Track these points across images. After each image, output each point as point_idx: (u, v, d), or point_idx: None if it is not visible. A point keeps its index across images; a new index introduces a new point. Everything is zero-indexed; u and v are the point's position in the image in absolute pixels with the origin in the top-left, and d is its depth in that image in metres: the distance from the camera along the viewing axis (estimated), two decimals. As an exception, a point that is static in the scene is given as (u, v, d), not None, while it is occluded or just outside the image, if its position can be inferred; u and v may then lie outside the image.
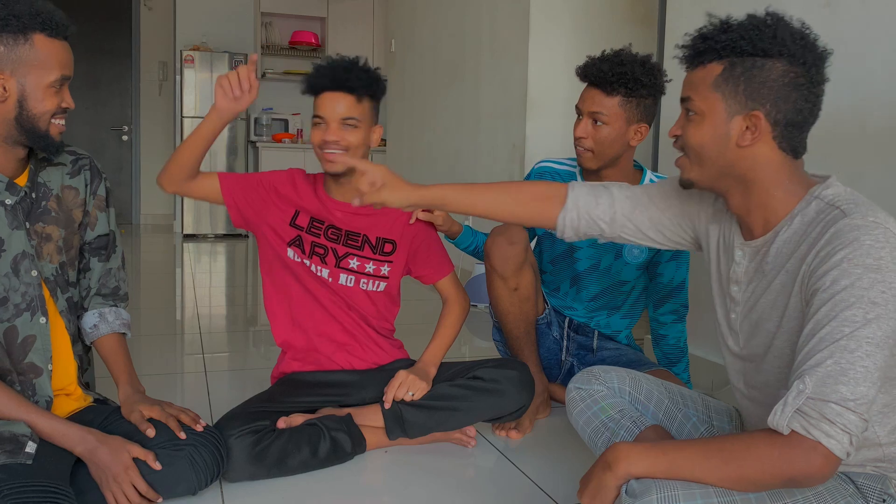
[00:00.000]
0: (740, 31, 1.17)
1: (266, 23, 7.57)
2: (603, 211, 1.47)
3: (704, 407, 1.55)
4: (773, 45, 1.15)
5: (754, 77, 1.17)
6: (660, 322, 2.24)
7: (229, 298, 4.46)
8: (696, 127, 1.23)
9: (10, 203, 1.54)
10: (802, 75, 1.17)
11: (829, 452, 1.02)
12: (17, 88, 1.47)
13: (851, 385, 1.02)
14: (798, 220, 1.18)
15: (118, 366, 1.73)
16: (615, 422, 1.50)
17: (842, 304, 1.05)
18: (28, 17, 1.45)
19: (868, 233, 1.07)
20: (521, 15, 3.83)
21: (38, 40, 1.47)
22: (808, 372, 1.05)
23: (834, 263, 1.08)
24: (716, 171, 1.23)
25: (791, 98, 1.17)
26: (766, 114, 1.17)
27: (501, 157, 4.09)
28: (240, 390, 2.45)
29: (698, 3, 2.62)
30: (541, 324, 2.25)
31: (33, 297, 1.56)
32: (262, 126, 7.36)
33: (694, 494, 1.10)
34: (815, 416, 1.02)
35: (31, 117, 1.50)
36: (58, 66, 1.50)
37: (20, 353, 1.54)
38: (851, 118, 2.07)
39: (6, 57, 1.45)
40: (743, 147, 1.19)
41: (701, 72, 1.22)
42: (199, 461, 1.57)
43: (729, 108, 1.19)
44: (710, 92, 1.20)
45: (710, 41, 1.20)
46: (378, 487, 1.79)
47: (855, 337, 1.03)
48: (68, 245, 1.65)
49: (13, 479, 1.35)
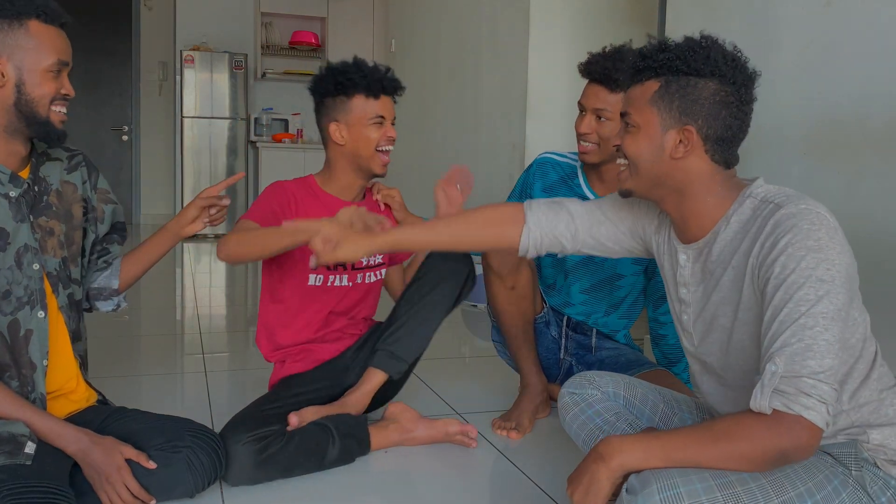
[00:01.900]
0: (677, 51, 1.25)
1: (266, 23, 7.57)
2: (565, 228, 1.50)
3: (699, 410, 1.55)
4: (706, 65, 1.24)
5: (688, 94, 1.25)
6: (659, 322, 2.24)
7: (229, 298, 4.46)
8: (633, 139, 1.30)
9: (13, 195, 1.54)
10: (732, 94, 1.25)
11: (811, 424, 1.08)
12: (13, 73, 1.48)
13: (818, 358, 1.09)
14: (735, 219, 1.26)
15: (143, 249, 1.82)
16: (610, 425, 1.49)
17: (793, 286, 1.12)
18: (23, 3, 1.47)
19: (804, 218, 1.15)
20: (521, 15, 3.83)
21: (34, 26, 1.49)
22: (776, 353, 1.11)
23: (780, 251, 1.15)
24: (651, 181, 1.31)
25: (721, 115, 1.25)
26: (697, 128, 1.25)
27: (501, 157, 4.09)
28: (240, 390, 2.45)
29: (698, 3, 2.62)
30: (539, 323, 2.25)
31: (34, 290, 1.56)
32: (262, 126, 7.35)
33: (691, 480, 1.12)
34: (793, 391, 1.08)
35: (29, 101, 1.50)
36: (53, 50, 1.51)
37: (21, 346, 1.54)
38: (851, 118, 2.07)
39: (2, 41, 1.47)
40: (676, 159, 1.27)
41: (639, 88, 1.30)
42: (196, 464, 1.57)
43: (663, 123, 1.27)
44: (647, 107, 1.28)
45: (649, 60, 1.28)
46: (378, 488, 1.79)
47: (812, 314, 1.10)
48: (70, 241, 1.65)
49: (13, 479, 1.35)
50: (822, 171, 2.16)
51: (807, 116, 2.19)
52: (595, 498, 1.18)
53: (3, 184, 1.52)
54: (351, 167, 2.01)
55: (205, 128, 7.12)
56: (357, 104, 1.96)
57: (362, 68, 1.96)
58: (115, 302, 1.82)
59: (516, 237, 1.52)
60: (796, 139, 2.24)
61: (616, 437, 1.20)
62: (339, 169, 2.02)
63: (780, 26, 2.28)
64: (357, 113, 1.96)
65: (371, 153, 1.98)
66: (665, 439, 1.17)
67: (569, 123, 3.85)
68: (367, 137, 1.96)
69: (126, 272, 1.81)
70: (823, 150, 2.16)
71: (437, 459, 1.96)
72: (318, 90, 2.00)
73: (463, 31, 4.63)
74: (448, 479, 1.87)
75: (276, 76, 7.57)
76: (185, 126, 7.07)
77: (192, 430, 1.62)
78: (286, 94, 7.69)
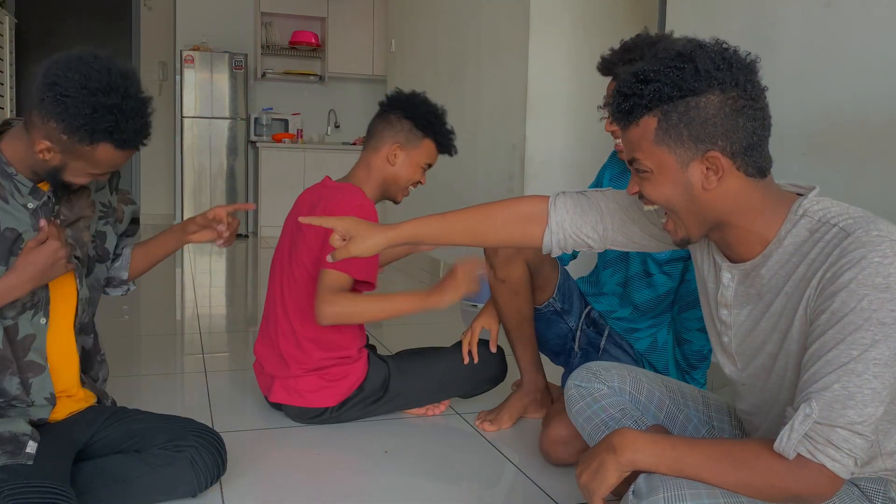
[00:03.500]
0: (661, 77, 1.10)
1: (266, 23, 7.57)
2: (591, 229, 1.42)
3: (705, 406, 1.54)
4: (699, 79, 1.09)
5: (694, 119, 1.10)
6: (686, 327, 2.15)
7: (229, 298, 4.46)
8: (653, 185, 1.17)
9: (32, 207, 1.55)
10: (741, 97, 1.10)
11: (834, 475, 1.04)
12: (59, 161, 1.46)
13: (858, 408, 1.02)
14: (789, 241, 1.14)
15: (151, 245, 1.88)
16: (616, 420, 1.49)
17: (850, 326, 1.03)
18: (105, 133, 1.40)
19: (874, 249, 1.04)
20: (521, 15, 3.83)
21: (103, 148, 1.44)
22: (814, 395, 1.05)
23: (841, 285, 1.05)
24: (698, 221, 1.18)
25: (739, 124, 1.10)
26: (721, 150, 1.11)
27: (501, 157, 4.09)
28: (240, 390, 2.45)
29: (698, 3, 2.62)
30: (546, 311, 2.20)
31: (40, 297, 1.56)
32: (262, 126, 7.36)
33: (700, 494, 1.10)
34: (822, 441, 1.04)
35: (61, 180, 1.51)
36: (110, 167, 1.51)
37: (20, 350, 1.55)
38: (852, 118, 2.07)
39: (65, 144, 1.42)
40: (710, 190, 1.13)
41: (636, 130, 1.15)
42: (200, 463, 1.57)
43: (680, 158, 1.13)
44: (654, 147, 1.13)
45: (635, 98, 1.13)
46: (377, 487, 1.79)
47: (863, 360, 1.02)
48: (80, 242, 1.65)
49: (13, 479, 1.36)
50: (822, 171, 2.16)
51: (807, 116, 2.19)
52: (600, 485, 1.17)
53: (23, 195, 1.53)
54: (382, 186, 2.14)
55: (205, 128, 7.13)
56: (426, 146, 2.14)
57: (446, 124, 2.16)
58: (124, 289, 1.89)
59: (538, 237, 1.43)
60: (796, 139, 2.24)
61: (631, 433, 1.17)
62: (374, 182, 2.13)
63: (780, 26, 2.28)
64: (420, 152, 2.14)
65: (404, 187, 2.16)
66: (681, 450, 1.13)
67: (569, 123, 3.86)
68: (412, 174, 2.14)
69: (135, 266, 1.88)
70: (823, 149, 2.16)
71: (436, 459, 1.96)
72: (408, 112, 2.10)
73: (463, 31, 4.64)
74: (448, 479, 1.87)
75: (276, 76, 7.57)
76: (185, 126, 7.07)
77: (194, 430, 1.62)
78: (286, 93, 7.70)
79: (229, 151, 7.22)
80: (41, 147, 1.44)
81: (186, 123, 7.07)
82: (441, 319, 3.88)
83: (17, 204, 1.52)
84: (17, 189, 1.52)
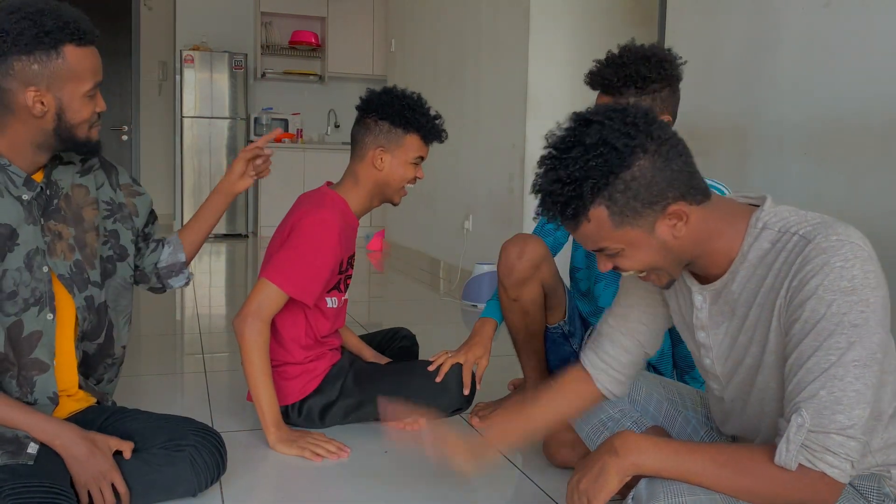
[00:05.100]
0: (588, 171, 1.10)
1: (266, 23, 7.57)
2: (627, 360, 1.43)
3: (703, 407, 1.54)
4: (621, 155, 1.09)
5: (638, 188, 1.10)
6: None
7: (229, 298, 4.46)
8: (628, 258, 1.18)
9: (26, 198, 1.54)
10: (663, 143, 1.12)
11: (834, 481, 1.06)
12: (54, 102, 1.48)
13: (847, 412, 1.04)
14: (753, 255, 1.17)
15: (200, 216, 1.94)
16: (615, 421, 1.49)
17: (823, 332, 1.06)
18: (57, 30, 1.45)
19: (835, 253, 1.06)
20: (521, 15, 3.83)
21: (69, 52, 1.47)
22: (803, 404, 1.06)
23: (809, 292, 1.07)
24: (677, 264, 1.20)
25: (677, 167, 1.12)
26: (677, 197, 1.13)
27: (501, 157, 4.09)
28: (240, 390, 2.45)
29: (698, 4, 2.62)
30: (554, 333, 2.19)
31: (43, 292, 1.56)
32: (262, 126, 7.36)
33: (701, 501, 1.10)
34: (819, 448, 1.05)
35: (69, 128, 1.51)
36: (91, 73, 1.51)
37: (26, 348, 1.54)
38: (852, 118, 2.07)
39: (41, 73, 1.45)
40: (680, 236, 1.15)
41: (589, 226, 1.14)
42: (200, 462, 1.57)
43: (644, 226, 1.14)
44: (616, 231, 1.14)
45: (576, 199, 1.12)
46: (377, 487, 1.79)
47: (842, 364, 1.04)
48: (81, 243, 1.64)
49: (14, 479, 1.36)
50: (822, 171, 2.16)
51: (807, 116, 2.19)
52: (600, 490, 1.15)
53: (17, 186, 1.53)
54: (374, 191, 2.07)
55: (205, 127, 7.13)
56: (410, 142, 2.02)
57: (427, 112, 2.03)
58: (185, 276, 1.91)
59: (597, 394, 1.46)
60: (796, 139, 2.24)
61: (633, 435, 1.17)
62: (364, 189, 2.06)
63: (780, 26, 2.28)
64: (406, 149, 2.03)
65: (399, 187, 2.07)
66: (684, 455, 1.13)
67: (569, 123, 3.86)
68: (404, 174, 2.05)
69: (189, 243, 1.91)
70: (823, 149, 2.16)
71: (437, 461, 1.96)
72: (382, 112, 2.01)
73: (463, 31, 4.64)
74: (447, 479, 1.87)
75: (275, 76, 7.58)
76: (185, 126, 7.07)
77: (194, 429, 1.62)
78: (286, 93, 7.70)
79: (229, 151, 7.22)
80: (30, 96, 1.45)
81: (186, 123, 7.07)
82: (441, 319, 3.88)
83: (10, 197, 1.52)
84: (11, 180, 1.52)
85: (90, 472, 1.47)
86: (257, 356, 1.88)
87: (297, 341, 2.04)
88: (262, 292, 1.91)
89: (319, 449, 1.89)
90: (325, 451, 1.89)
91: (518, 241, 2.06)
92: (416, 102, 2.02)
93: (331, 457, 1.89)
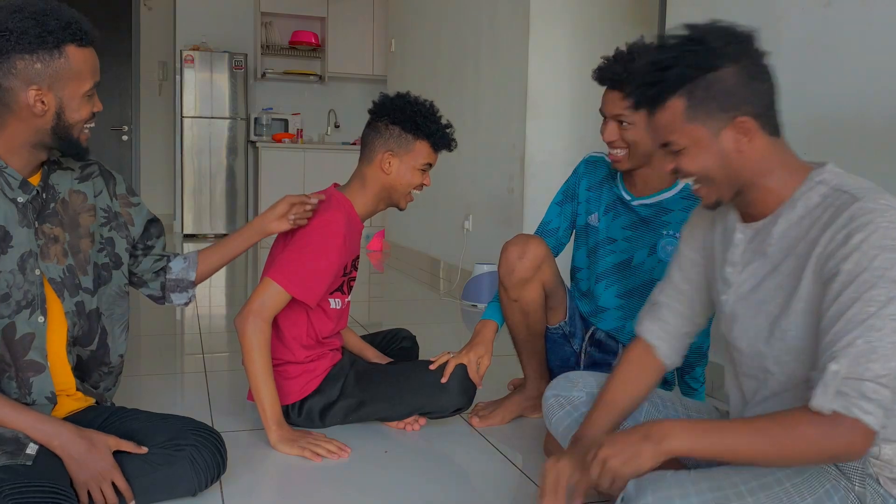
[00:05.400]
0: (679, 61, 1.21)
1: (266, 23, 7.57)
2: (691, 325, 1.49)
3: (684, 408, 1.56)
4: (714, 57, 1.20)
5: (718, 91, 1.20)
6: None
7: (229, 298, 4.46)
8: (690, 158, 1.25)
9: (21, 201, 1.54)
10: (752, 65, 1.22)
11: (867, 428, 1.07)
12: (55, 102, 1.49)
13: (882, 361, 1.07)
14: (801, 204, 1.22)
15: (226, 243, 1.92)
16: None
17: (864, 285, 1.09)
18: (60, 30, 1.46)
19: (882, 215, 1.11)
20: (521, 15, 3.83)
21: (71, 52, 1.48)
22: (840, 353, 1.09)
23: (852, 247, 1.11)
24: (731, 185, 1.26)
25: (756, 89, 1.21)
26: (747, 114, 1.21)
27: (501, 158, 4.09)
28: (240, 390, 2.45)
29: (698, 3, 2.62)
30: (555, 334, 2.19)
31: (35, 295, 1.56)
32: (262, 126, 7.35)
33: (688, 493, 1.12)
34: (854, 394, 1.07)
35: (66, 127, 1.52)
36: (90, 74, 1.52)
37: (20, 349, 1.54)
38: (852, 118, 2.07)
39: (43, 73, 1.46)
40: (743, 151, 1.22)
41: (664, 114, 1.24)
42: (199, 462, 1.57)
43: (712, 129, 1.22)
44: (687, 125, 1.22)
45: (658, 86, 1.22)
46: (376, 486, 1.79)
47: (880, 315, 1.08)
48: (75, 249, 1.64)
49: (14, 479, 1.36)
50: (822, 171, 2.16)
51: (807, 116, 2.19)
52: (633, 473, 1.16)
53: (12, 188, 1.53)
54: (381, 194, 2.08)
55: (205, 127, 7.13)
56: (419, 148, 2.04)
57: (438, 120, 2.05)
58: (188, 295, 1.89)
59: (661, 365, 1.50)
60: (795, 139, 2.23)
61: (667, 421, 1.18)
62: (371, 192, 2.07)
63: (780, 26, 2.28)
64: (415, 155, 2.04)
65: (406, 192, 2.08)
66: (715, 432, 1.15)
67: (569, 123, 3.87)
68: (411, 179, 2.05)
69: (204, 264, 1.89)
70: (823, 149, 2.16)
71: (436, 459, 1.97)
72: (393, 117, 2.02)
73: (463, 31, 4.64)
74: (447, 479, 1.87)
75: (275, 76, 7.57)
76: (185, 126, 7.07)
77: (194, 429, 1.62)
78: (286, 93, 7.70)
79: (229, 151, 7.22)
80: (32, 95, 1.46)
81: (186, 123, 7.07)
82: (441, 319, 3.88)
83: (4, 199, 1.52)
84: (7, 183, 1.52)
85: (89, 471, 1.47)
86: (258, 354, 1.88)
87: (299, 340, 2.04)
88: (264, 291, 1.91)
89: (320, 449, 1.89)
90: (325, 451, 1.89)
91: (519, 241, 2.06)
92: (429, 110, 2.05)
93: (331, 457, 1.89)
